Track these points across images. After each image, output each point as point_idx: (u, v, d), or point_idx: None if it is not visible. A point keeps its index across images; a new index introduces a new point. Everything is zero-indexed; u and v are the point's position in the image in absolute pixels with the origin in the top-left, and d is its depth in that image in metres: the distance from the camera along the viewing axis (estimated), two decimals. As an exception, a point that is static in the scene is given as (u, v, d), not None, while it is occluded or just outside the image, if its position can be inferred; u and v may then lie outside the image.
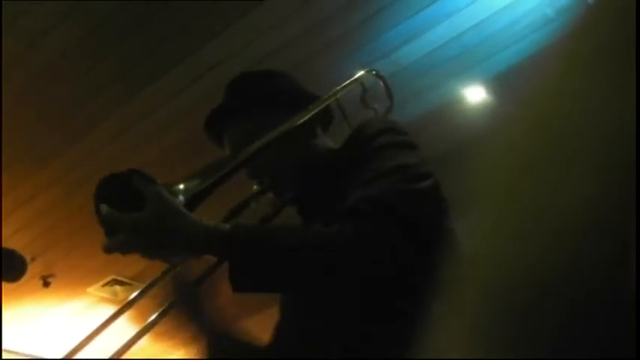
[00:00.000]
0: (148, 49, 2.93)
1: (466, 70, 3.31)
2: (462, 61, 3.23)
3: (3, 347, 4.83)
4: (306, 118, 1.49)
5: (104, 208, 1.23)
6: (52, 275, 4.17)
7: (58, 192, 3.61)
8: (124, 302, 1.71)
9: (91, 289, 4.43)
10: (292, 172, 1.50)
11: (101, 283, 4.37)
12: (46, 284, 4.19)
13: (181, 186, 1.31)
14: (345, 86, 1.68)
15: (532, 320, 0.29)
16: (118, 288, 4.43)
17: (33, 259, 3.83)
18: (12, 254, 1.28)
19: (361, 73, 1.75)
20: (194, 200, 1.31)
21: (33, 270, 4.16)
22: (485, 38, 3.13)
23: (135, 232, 1.21)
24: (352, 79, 1.72)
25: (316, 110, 1.53)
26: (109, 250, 1.23)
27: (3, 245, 1.32)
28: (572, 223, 0.29)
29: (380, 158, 1.31)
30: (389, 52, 3.13)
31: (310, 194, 1.48)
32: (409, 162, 1.31)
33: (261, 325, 1.58)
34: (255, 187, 1.52)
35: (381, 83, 1.78)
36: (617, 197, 0.27)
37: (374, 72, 1.79)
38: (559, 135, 0.31)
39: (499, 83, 3.30)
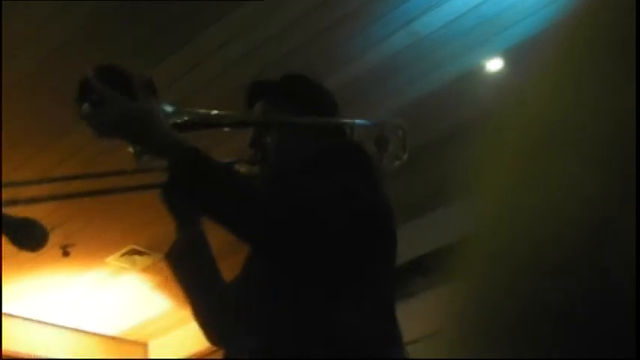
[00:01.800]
0: (160, 28, 2.93)
1: (485, 41, 3.28)
2: (481, 31, 3.20)
3: (22, 314, 4.89)
4: (314, 122, 1.74)
5: (102, 79, 1.50)
6: (71, 245, 4.20)
7: (78, 163, 3.63)
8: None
9: (109, 259, 4.47)
10: (284, 161, 1.70)
11: (120, 252, 4.40)
12: (66, 254, 4.22)
13: (177, 108, 1.60)
14: (364, 120, 1.89)
15: (531, 313, 0.29)
16: (136, 257, 4.46)
17: (52, 229, 3.86)
18: (33, 224, 1.29)
19: (384, 120, 1.98)
20: (177, 125, 1.57)
21: (53, 240, 4.17)
22: (505, 8, 3.10)
23: (122, 114, 1.46)
24: (374, 121, 1.95)
25: (327, 123, 1.77)
26: (85, 117, 1.50)
27: (24, 216, 1.34)
28: (585, 205, 0.28)
29: (327, 171, 1.55)
30: (407, 23, 3.11)
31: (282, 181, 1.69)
32: (348, 179, 1.52)
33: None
34: (246, 157, 1.73)
35: (401, 134, 1.93)
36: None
37: (399, 125, 1.95)
38: (576, 106, 0.31)
39: (518, 54, 3.27)
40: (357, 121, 1.84)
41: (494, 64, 3.39)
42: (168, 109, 1.57)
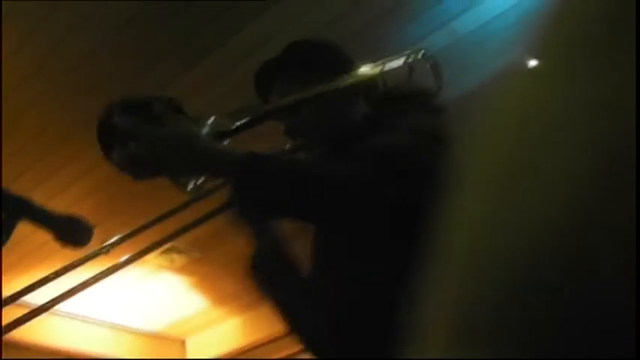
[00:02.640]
0: (205, 18, 2.95)
1: (524, 40, 3.24)
2: (520, 30, 3.17)
3: (63, 310, 4.96)
4: (345, 84, 1.57)
5: (121, 118, 1.32)
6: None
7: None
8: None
9: (149, 257, 4.51)
10: (326, 137, 1.57)
11: (159, 250, 4.44)
12: (107, 251, 4.25)
13: (210, 120, 1.40)
14: (390, 60, 1.72)
15: (529, 312, 0.29)
16: (175, 256, 4.50)
17: (94, 226, 3.90)
18: (79, 221, 1.31)
19: (407, 52, 1.76)
20: (218, 136, 1.40)
21: (94, 237, 4.23)
22: (544, 7, 3.07)
23: (149, 143, 1.30)
24: (399, 55, 1.74)
25: (356, 80, 1.60)
26: (118, 164, 1.34)
27: (67, 213, 1.36)
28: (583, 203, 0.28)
29: (396, 118, 1.42)
30: (446, 22, 3.09)
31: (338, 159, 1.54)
32: (422, 124, 1.41)
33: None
34: (287, 145, 1.58)
35: (429, 66, 1.78)
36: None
37: (423, 52, 1.78)
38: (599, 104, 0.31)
39: (557, 52, 3.23)
40: (384, 64, 1.69)
41: (533, 63, 3.35)
42: (206, 123, 1.41)
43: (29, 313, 1.45)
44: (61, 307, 4.96)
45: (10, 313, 1.39)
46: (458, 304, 0.32)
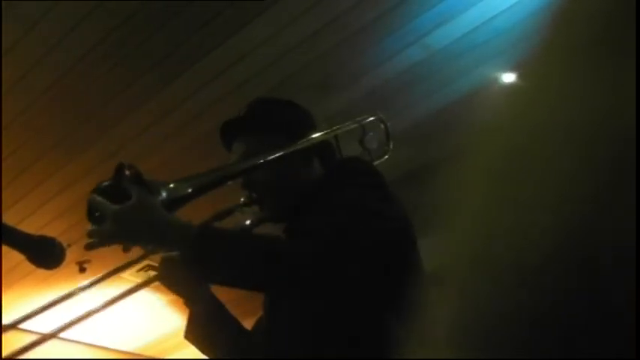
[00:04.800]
0: (177, 40, 2.95)
1: (498, 55, 3.28)
2: (494, 45, 3.20)
3: (40, 331, 4.90)
4: (297, 148, 1.67)
5: (93, 197, 1.56)
6: (87, 261, 4.19)
7: (93, 181, 3.64)
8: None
9: (125, 275, 4.47)
10: (279, 194, 1.67)
11: (136, 268, 4.40)
12: (82, 270, 4.21)
13: (171, 185, 1.53)
14: (345, 126, 1.86)
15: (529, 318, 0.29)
16: (152, 273, 4.46)
17: (69, 245, 3.86)
18: (51, 242, 1.30)
19: (363, 117, 1.91)
20: (177, 201, 1.52)
21: (69, 256, 4.16)
22: (517, 22, 3.10)
23: (115, 220, 1.47)
24: (353, 121, 1.89)
25: (309, 143, 1.70)
26: (90, 234, 1.58)
27: (41, 233, 1.35)
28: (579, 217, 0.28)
29: (346, 192, 1.49)
30: (420, 37, 3.11)
31: (292, 218, 1.65)
32: (371, 198, 1.47)
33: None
34: (242, 199, 1.69)
35: (382, 126, 1.95)
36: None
37: (377, 117, 1.95)
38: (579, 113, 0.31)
39: (532, 67, 3.25)
40: (339, 129, 1.82)
41: (507, 77, 3.38)
42: (165, 191, 1.52)
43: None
44: (35, 326, 4.91)
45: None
46: (457, 304, 0.32)
